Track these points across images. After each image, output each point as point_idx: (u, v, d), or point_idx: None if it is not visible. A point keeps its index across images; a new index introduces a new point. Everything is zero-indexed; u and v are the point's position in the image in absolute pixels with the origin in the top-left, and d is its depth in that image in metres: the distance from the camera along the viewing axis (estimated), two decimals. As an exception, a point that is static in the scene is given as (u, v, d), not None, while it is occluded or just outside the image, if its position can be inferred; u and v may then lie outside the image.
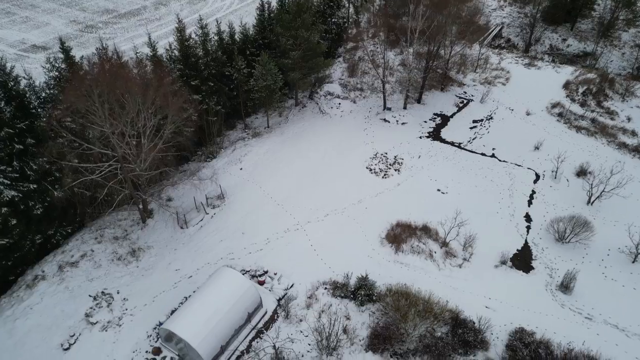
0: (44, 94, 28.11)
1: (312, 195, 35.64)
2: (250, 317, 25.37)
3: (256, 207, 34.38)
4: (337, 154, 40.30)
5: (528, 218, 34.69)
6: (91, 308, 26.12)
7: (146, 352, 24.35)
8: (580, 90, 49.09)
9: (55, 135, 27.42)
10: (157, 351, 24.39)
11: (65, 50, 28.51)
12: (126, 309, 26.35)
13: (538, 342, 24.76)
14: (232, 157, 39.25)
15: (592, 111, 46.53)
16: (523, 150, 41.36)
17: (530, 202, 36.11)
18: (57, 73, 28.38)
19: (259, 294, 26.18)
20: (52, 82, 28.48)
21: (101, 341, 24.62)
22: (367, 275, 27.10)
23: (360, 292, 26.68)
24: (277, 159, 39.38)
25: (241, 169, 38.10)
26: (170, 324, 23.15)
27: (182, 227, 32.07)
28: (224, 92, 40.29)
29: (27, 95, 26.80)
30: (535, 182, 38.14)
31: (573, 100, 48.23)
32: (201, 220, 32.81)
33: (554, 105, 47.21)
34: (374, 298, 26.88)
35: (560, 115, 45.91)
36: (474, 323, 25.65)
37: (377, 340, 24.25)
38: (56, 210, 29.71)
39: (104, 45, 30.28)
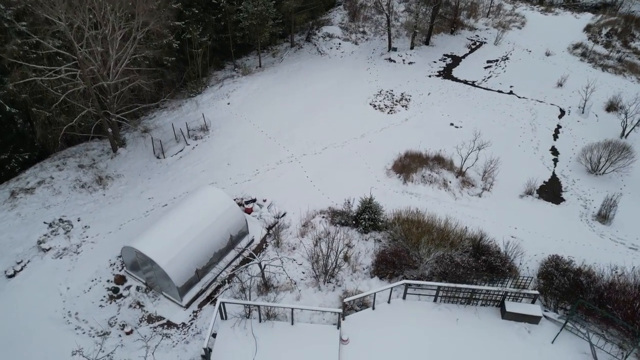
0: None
1: (308, 130, 31.45)
2: (233, 241, 21.26)
3: (244, 140, 30.25)
4: (337, 91, 36.11)
5: (554, 151, 30.47)
6: (45, 235, 22.04)
7: (107, 281, 20.28)
8: (604, 31, 44.78)
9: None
10: (120, 280, 20.31)
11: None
12: (86, 237, 22.29)
13: (577, 270, 20.54)
14: (218, 93, 35.12)
15: (618, 52, 42.22)
16: (544, 87, 37.13)
17: (555, 136, 31.89)
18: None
19: (245, 217, 22.09)
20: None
21: (54, 269, 20.55)
22: (372, 198, 22.93)
23: (363, 216, 22.52)
24: (269, 95, 35.22)
25: (229, 103, 33.95)
26: (134, 242, 19.02)
27: (158, 157, 27.98)
28: (210, 23, 36.18)
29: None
30: (560, 117, 33.91)
31: (596, 42, 43.93)
32: (181, 150, 28.72)
33: (576, 47, 42.95)
34: (380, 224, 22.74)
35: (583, 55, 41.67)
36: (499, 251, 21.44)
37: (385, 265, 20.08)
38: (10, 133, 25.75)
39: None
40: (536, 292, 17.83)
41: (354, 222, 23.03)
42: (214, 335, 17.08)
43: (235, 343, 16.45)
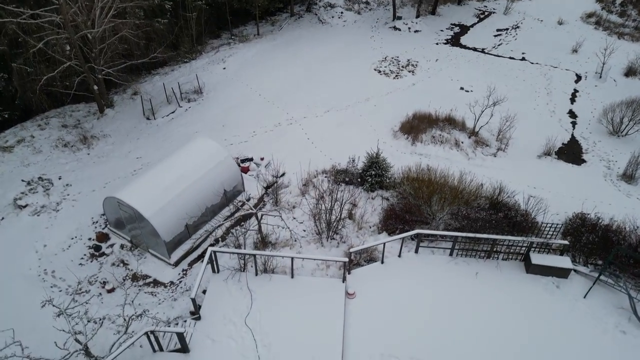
0: None
1: (309, 94, 29.56)
2: (227, 198, 19.39)
3: (241, 103, 28.38)
4: (340, 56, 34.21)
5: (572, 114, 28.58)
6: (22, 193, 20.21)
7: (89, 239, 18.44)
8: (618, 1, 42.82)
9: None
10: (102, 237, 18.45)
11: None
12: (67, 195, 20.44)
13: (606, 226, 18.63)
14: (214, 58, 33.24)
15: (634, 20, 40.27)
16: (558, 54, 35.19)
17: (573, 100, 29.99)
18: None
19: (240, 172, 20.23)
20: None
21: (30, 226, 18.71)
22: (379, 152, 21.04)
23: (370, 172, 20.63)
24: (267, 61, 33.32)
25: (224, 68, 32.06)
26: (117, 191, 17.18)
27: (148, 118, 26.12)
28: (206, -14, 34.28)
29: None
30: (576, 82, 32.00)
31: (610, 12, 41.97)
32: (172, 112, 26.86)
33: (590, 15, 41.00)
34: (387, 182, 20.85)
35: (597, 23, 39.72)
36: (518, 209, 19.50)
37: (394, 220, 18.17)
38: (-11, 89, 23.92)
39: None
40: (566, 242, 15.92)
41: (359, 179, 21.16)
42: (204, 292, 15.25)
43: (228, 297, 14.59)
